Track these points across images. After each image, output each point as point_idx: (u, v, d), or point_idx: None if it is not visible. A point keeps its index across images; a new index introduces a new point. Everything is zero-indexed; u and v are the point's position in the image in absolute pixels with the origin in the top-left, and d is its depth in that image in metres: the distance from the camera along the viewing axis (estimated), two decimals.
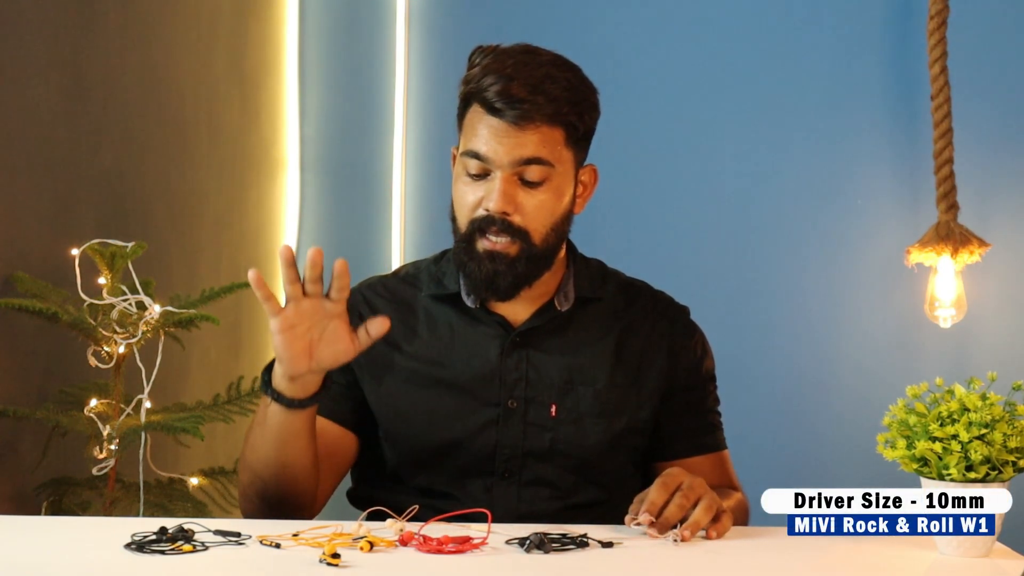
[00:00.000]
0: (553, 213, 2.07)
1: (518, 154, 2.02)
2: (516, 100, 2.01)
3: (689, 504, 1.87)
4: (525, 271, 2.06)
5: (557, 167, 2.05)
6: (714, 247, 3.62)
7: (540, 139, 2.03)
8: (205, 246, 3.38)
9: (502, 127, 2.02)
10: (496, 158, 2.02)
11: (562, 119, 2.04)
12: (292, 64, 3.80)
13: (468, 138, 2.06)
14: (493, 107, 2.02)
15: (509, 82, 2.01)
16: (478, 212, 2.05)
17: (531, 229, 2.05)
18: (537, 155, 2.03)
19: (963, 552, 1.78)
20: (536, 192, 2.04)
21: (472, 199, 2.05)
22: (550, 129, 2.03)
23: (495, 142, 2.02)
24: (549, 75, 2.04)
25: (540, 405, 2.10)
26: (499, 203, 2.03)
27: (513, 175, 2.03)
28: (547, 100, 2.02)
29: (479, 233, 2.05)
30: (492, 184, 2.04)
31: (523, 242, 2.05)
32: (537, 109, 2.01)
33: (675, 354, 2.17)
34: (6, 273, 2.55)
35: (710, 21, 3.64)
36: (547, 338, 2.13)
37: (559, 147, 2.05)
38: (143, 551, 1.75)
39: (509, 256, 2.05)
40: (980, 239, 3.39)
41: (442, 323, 2.14)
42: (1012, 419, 1.76)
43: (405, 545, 1.80)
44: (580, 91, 2.07)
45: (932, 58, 3.40)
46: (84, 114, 2.82)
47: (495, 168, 2.03)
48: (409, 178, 3.75)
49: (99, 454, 2.49)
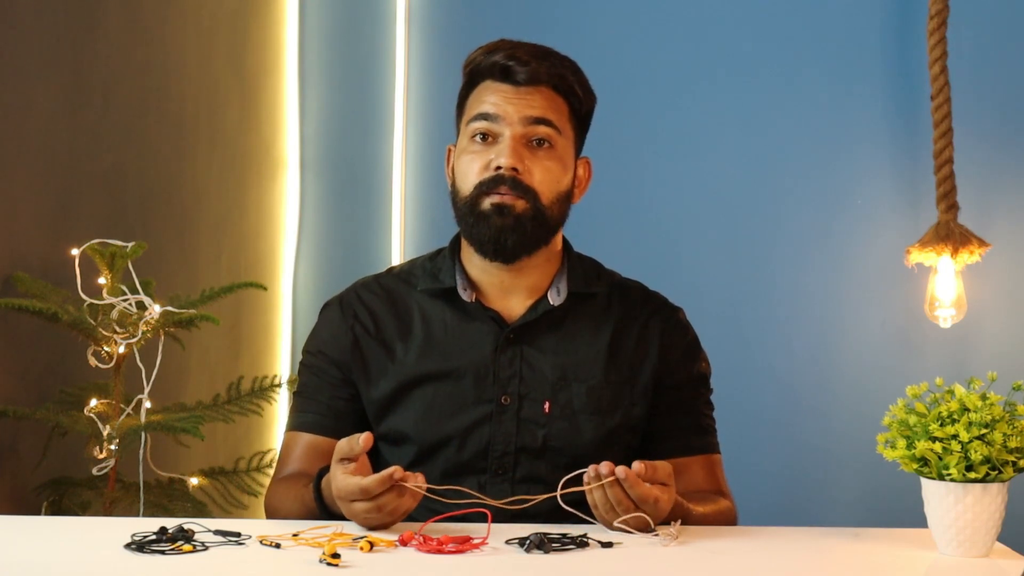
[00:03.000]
0: (559, 182, 2.11)
1: (527, 112, 2.09)
2: (524, 62, 2.09)
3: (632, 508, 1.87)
4: (532, 232, 2.09)
5: (562, 136, 2.11)
6: (714, 247, 3.62)
7: (547, 103, 2.10)
8: (205, 246, 3.38)
9: (511, 90, 2.10)
10: (506, 115, 2.08)
11: (567, 88, 2.12)
12: (292, 64, 3.80)
13: (474, 108, 2.12)
14: (503, 69, 2.09)
15: (516, 49, 2.11)
16: (486, 174, 2.08)
17: (540, 190, 2.09)
18: (545, 115, 2.09)
19: (963, 552, 1.78)
20: (543, 157, 2.09)
21: (480, 163, 2.09)
22: (555, 96, 2.11)
23: (504, 102, 2.09)
24: (552, 52, 2.14)
25: (534, 401, 2.11)
26: (510, 159, 2.07)
27: (523, 135, 2.08)
28: (552, 66, 2.11)
29: (485, 194, 2.08)
30: (501, 145, 2.08)
31: (531, 201, 2.08)
32: (544, 71, 2.10)
33: (666, 352, 2.18)
34: (6, 273, 2.55)
35: (710, 21, 3.64)
36: (541, 335, 2.14)
37: (564, 118, 2.12)
38: (143, 551, 1.75)
39: (516, 210, 2.07)
40: (980, 239, 3.39)
41: (436, 319, 2.15)
42: (1012, 419, 1.76)
43: (405, 545, 1.80)
44: (581, 74, 2.17)
45: (932, 58, 3.40)
46: (84, 114, 2.82)
47: (504, 127, 2.08)
48: (409, 178, 3.75)
49: (99, 454, 2.49)
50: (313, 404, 2.16)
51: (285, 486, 2.10)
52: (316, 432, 2.15)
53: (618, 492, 1.87)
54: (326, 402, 2.15)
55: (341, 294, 2.22)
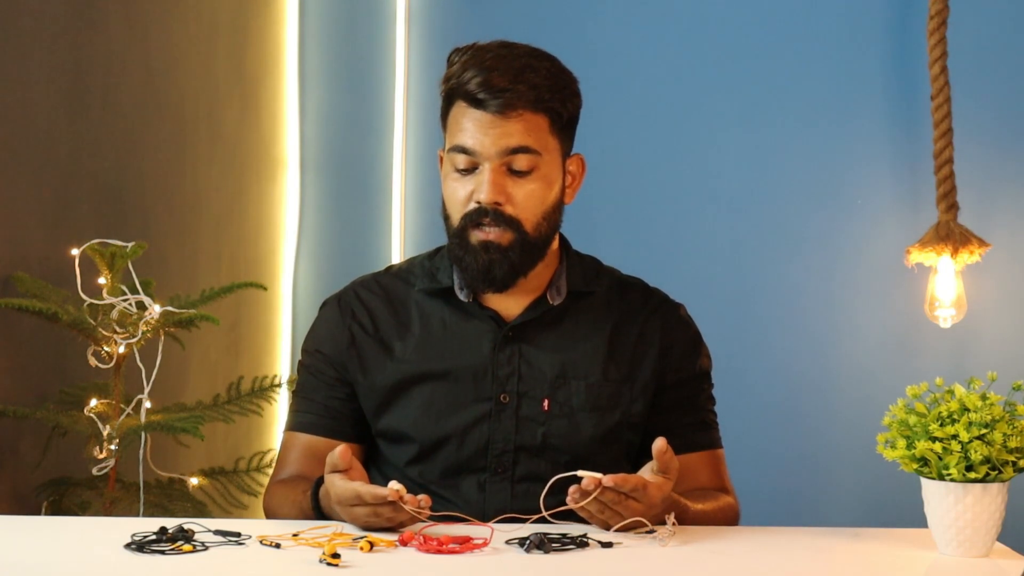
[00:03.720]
0: (544, 202, 2.09)
1: (504, 144, 2.04)
2: (498, 90, 2.03)
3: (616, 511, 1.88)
4: (520, 260, 2.08)
5: (544, 155, 2.07)
6: (714, 247, 3.62)
7: (525, 127, 2.05)
8: (205, 246, 3.38)
9: (486, 118, 2.04)
10: (483, 150, 2.05)
11: (544, 106, 2.06)
12: (292, 64, 3.80)
13: (453, 134, 2.08)
14: (476, 99, 2.04)
15: (489, 73, 2.04)
16: (469, 206, 2.07)
17: (523, 218, 2.07)
18: (523, 144, 2.05)
19: (963, 552, 1.78)
20: (525, 181, 2.07)
21: (463, 194, 2.08)
22: (534, 116, 2.06)
23: (480, 134, 2.04)
24: (529, 65, 2.06)
25: (532, 399, 2.11)
26: (489, 194, 2.05)
27: (501, 165, 2.05)
28: (528, 88, 2.04)
29: (472, 226, 2.07)
30: (481, 176, 2.06)
31: (516, 232, 2.07)
32: (519, 97, 2.04)
33: (667, 349, 2.17)
34: (6, 273, 2.55)
35: (710, 21, 3.64)
36: (540, 332, 2.14)
37: (544, 135, 2.07)
38: (143, 551, 1.75)
39: (502, 245, 2.06)
40: (980, 239, 3.39)
41: (435, 318, 2.15)
42: (1012, 419, 1.76)
43: (405, 545, 1.80)
44: (560, 78, 2.09)
45: (932, 58, 3.40)
46: (84, 114, 2.82)
47: (483, 160, 2.05)
48: (409, 178, 3.75)
49: (99, 454, 2.49)
50: (310, 404, 2.17)
51: (283, 490, 2.10)
52: (313, 432, 2.15)
53: (611, 494, 1.87)
54: (322, 402, 2.16)
55: (340, 292, 2.22)
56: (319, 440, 2.14)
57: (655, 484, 1.90)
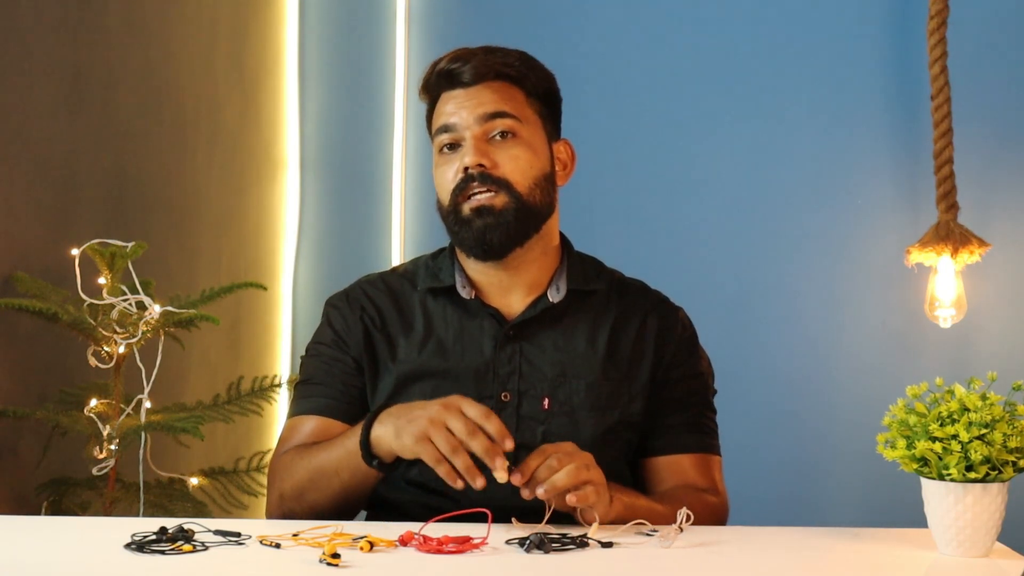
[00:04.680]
0: (532, 166, 2.12)
1: (480, 111, 2.11)
2: (465, 60, 2.12)
3: (559, 466, 1.89)
4: (516, 224, 2.10)
5: (524, 123, 2.12)
6: (713, 247, 3.62)
7: (499, 95, 2.12)
8: (205, 246, 3.38)
9: (462, 93, 2.12)
10: (461, 121, 2.11)
11: (516, 75, 2.13)
12: (292, 64, 3.80)
13: (437, 121, 2.14)
14: (450, 75, 2.12)
15: (458, 52, 2.14)
16: (457, 178, 2.11)
17: (512, 180, 2.10)
18: (499, 108, 2.11)
19: (963, 552, 1.78)
20: (508, 145, 2.11)
21: (451, 171, 2.12)
22: (506, 87, 2.13)
23: (458, 107, 2.12)
24: (501, 49, 2.16)
25: (533, 398, 2.11)
26: (473, 156, 2.09)
27: (482, 133, 2.11)
28: (497, 59, 2.13)
29: (462, 197, 2.10)
30: (465, 147, 2.11)
31: (507, 193, 2.10)
32: (489, 66, 2.12)
33: (662, 348, 2.18)
34: (6, 273, 2.55)
35: (710, 21, 3.64)
36: (541, 331, 2.14)
37: (520, 104, 2.13)
38: (143, 551, 1.75)
39: (495, 208, 2.09)
40: (980, 239, 3.39)
41: (438, 316, 2.15)
42: (1012, 419, 1.76)
43: (405, 545, 1.80)
44: (531, 60, 2.18)
45: (932, 58, 3.40)
46: (84, 114, 2.82)
47: (463, 131, 2.11)
48: (409, 178, 3.75)
49: (99, 454, 2.49)
50: (324, 389, 2.14)
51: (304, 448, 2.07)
52: (328, 415, 2.12)
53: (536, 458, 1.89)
54: (339, 387, 2.13)
55: (346, 289, 2.22)
56: (333, 423, 2.11)
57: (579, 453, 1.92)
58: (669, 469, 2.15)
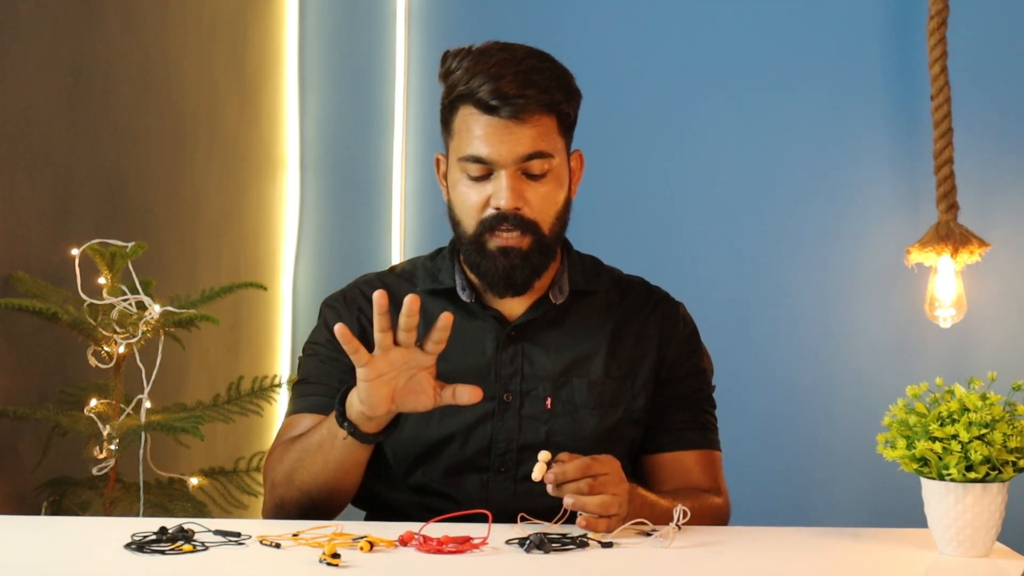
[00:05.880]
0: (557, 203, 2.10)
1: (520, 151, 2.05)
2: (510, 96, 2.03)
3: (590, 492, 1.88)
4: (539, 262, 2.09)
5: (556, 157, 2.08)
6: (713, 247, 3.62)
7: (537, 133, 2.05)
8: (205, 246, 3.38)
9: (500, 124, 2.04)
10: (499, 158, 2.05)
11: (555, 108, 2.07)
12: (292, 64, 3.80)
13: (464, 141, 2.07)
14: (488, 106, 2.04)
15: (498, 80, 2.04)
16: (487, 212, 2.07)
17: (540, 221, 2.08)
18: (538, 149, 2.05)
19: (963, 552, 1.78)
20: (539, 185, 2.07)
21: (477, 199, 2.07)
22: (545, 118, 2.06)
23: (496, 141, 2.04)
24: (534, 67, 2.07)
25: (535, 398, 2.11)
26: (510, 200, 2.05)
27: (517, 171, 2.06)
28: (539, 92, 2.05)
29: (489, 232, 2.07)
30: (498, 182, 2.06)
31: (533, 234, 2.07)
32: (532, 102, 2.04)
33: (664, 346, 2.18)
34: (6, 273, 2.55)
35: (710, 20, 3.64)
36: (542, 331, 2.14)
37: (554, 137, 2.08)
38: (143, 551, 1.75)
39: (522, 250, 2.07)
40: (980, 239, 3.39)
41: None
42: (1012, 419, 1.76)
43: (405, 545, 1.80)
44: (564, 78, 2.10)
45: (932, 58, 3.40)
46: (84, 114, 2.82)
47: (499, 167, 2.05)
48: (409, 178, 3.75)
49: (99, 454, 2.49)
50: (320, 388, 2.13)
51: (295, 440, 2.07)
52: (323, 413, 2.09)
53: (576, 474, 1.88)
54: (335, 386, 2.11)
55: (344, 289, 2.22)
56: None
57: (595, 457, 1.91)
58: (672, 466, 2.15)
